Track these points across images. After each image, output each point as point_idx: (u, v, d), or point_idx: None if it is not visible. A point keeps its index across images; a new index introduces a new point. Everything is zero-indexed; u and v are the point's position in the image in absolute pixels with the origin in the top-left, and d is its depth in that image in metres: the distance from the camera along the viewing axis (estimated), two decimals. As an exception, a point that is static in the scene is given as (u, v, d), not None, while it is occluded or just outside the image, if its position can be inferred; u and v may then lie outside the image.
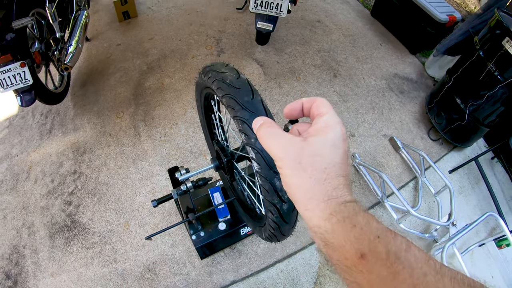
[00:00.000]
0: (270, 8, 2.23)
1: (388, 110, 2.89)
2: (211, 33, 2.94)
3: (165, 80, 2.58)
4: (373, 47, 3.34)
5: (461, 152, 2.87)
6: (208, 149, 2.28)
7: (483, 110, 2.43)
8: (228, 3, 3.27)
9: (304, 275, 2.01)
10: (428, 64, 3.32)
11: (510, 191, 2.84)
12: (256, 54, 2.88)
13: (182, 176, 1.25)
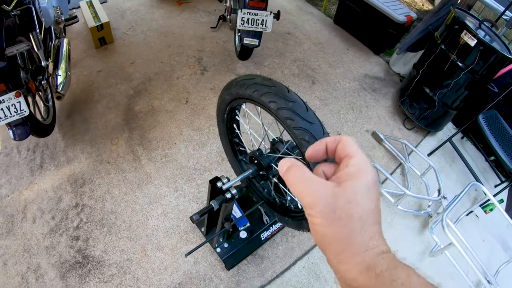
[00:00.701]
0: (256, 25, 2.37)
1: (366, 108, 3.15)
2: (191, 53, 3.00)
3: (154, 102, 2.58)
4: (342, 52, 3.62)
5: (434, 137, 3.19)
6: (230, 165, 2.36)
7: (451, 96, 2.74)
8: (201, 23, 3.36)
9: (324, 267, 2.11)
10: (393, 62, 3.65)
11: (482, 164, 3.22)
12: (238, 69, 2.99)
13: (226, 185, 1.30)
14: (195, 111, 2.60)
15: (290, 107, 1.04)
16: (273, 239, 2.10)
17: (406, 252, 2.39)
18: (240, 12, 2.34)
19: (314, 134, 1.04)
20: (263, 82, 1.12)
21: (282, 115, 1.05)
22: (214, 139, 2.46)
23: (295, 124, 1.04)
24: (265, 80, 1.13)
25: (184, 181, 2.22)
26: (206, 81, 2.81)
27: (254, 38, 2.46)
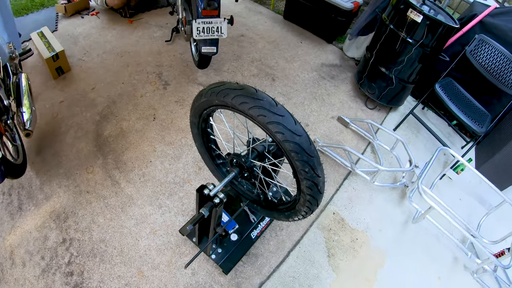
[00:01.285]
0: (212, 32, 2.42)
1: (327, 95, 3.27)
2: (150, 70, 3.00)
3: (123, 124, 2.57)
4: (296, 46, 3.74)
5: (397, 112, 3.36)
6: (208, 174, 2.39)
7: (406, 71, 2.90)
8: (155, 38, 3.35)
9: (316, 253, 2.20)
10: (346, 47, 3.80)
11: (446, 129, 3.42)
12: (199, 78, 3.02)
13: (213, 191, 1.34)
14: (164, 126, 2.61)
15: (261, 105, 1.10)
16: (263, 236, 2.16)
17: (389, 224, 2.52)
18: (194, 22, 2.37)
19: (287, 125, 1.11)
20: (232, 87, 1.18)
21: (254, 113, 1.11)
22: (187, 150, 2.49)
23: (268, 119, 1.10)
24: (233, 84, 1.19)
25: (166, 197, 2.23)
26: (170, 95, 2.83)
27: (212, 46, 2.51)
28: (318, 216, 2.37)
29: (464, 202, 2.91)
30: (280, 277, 2.04)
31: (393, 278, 2.26)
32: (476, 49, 2.76)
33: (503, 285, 2.42)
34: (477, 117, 2.74)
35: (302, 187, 1.26)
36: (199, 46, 2.51)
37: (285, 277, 2.05)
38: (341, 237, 2.34)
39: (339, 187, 2.58)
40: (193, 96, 2.79)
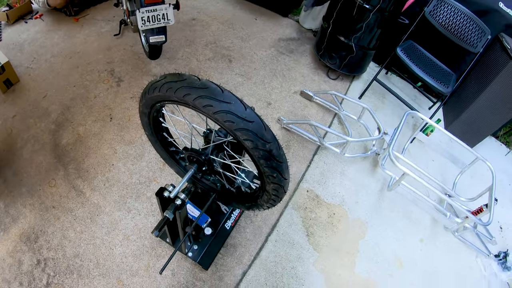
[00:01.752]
0: (158, 20, 2.28)
1: (287, 70, 3.22)
2: (101, 68, 2.84)
3: (79, 129, 2.44)
4: (250, 23, 3.63)
5: (360, 79, 3.35)
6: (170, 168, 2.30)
7: (366, 38, 2.86)
8: (104, 34, 3.16)
9: (295, 234, 2.19)
10: (302, 19, 3.72)
11: (411, 92, 3.43)
12: (153, 70, 2.89)
13: (173, 192, 1.28)
14: (122, 126, 2.50)
15: (206, 94, 1.01)
16: (238, 225, 2.14)
17: (365, 194, 2.52)
18: (138, 12, 2.23)
19: (235, 112, 1.02)
20: (173, 79, 1.08)
21: (200, 104, 1.02)
22: (149, 147, 2.40)
23: (214, 109, 1.01)
24: (174, 76, 1.09)
25: (134, 199, 2.15)
26: (124, 92, 2.70)
27: (159, 34, 2.38)
28: (292, 196, 2.35)
29: (437, 163, 2.95)
30: (261, 264, 2.03)
31: (376, 247, 2.29)
32: (435, 9, 2.73)
33: (485, 239, 2.49)
34: (442, 78, 2.73)
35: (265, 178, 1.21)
36: (147, 36, 2.37)
37: (267, 263, 2.04)
38: (317, 214, 2.33)
39: (309, 164, 2.55)
40: (149, 90, 2.71)
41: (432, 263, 2.33)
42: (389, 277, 2.19)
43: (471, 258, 2.42)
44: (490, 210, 2.10)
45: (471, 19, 2.66)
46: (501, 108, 2.77)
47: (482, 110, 2.86)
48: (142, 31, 2.66)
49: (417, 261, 2.30)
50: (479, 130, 2.97)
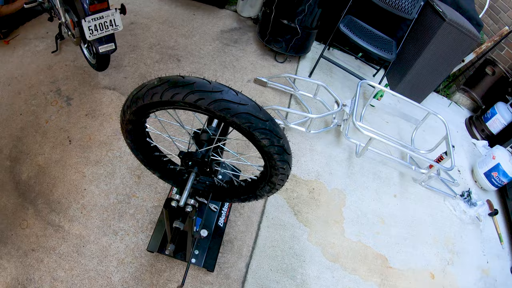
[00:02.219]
0: (106, 28, 2.15)
1: (236, 61, 3.25)
2: (45, 89, 2.60)
3: (38, 159, 2.24)
4: (190, 19, 3.58)
5: (306, 59, 3.52)
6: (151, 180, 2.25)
7: (308, 18, 2.97)
8: (40, 53, 2.87)
9: (283, 215, 2.29)
10: (240, 8, 3.75)
11: (354, 63, 3.67)
12: (102, 82, 2.72)
13: (181, 201, 1.25)
14: (84, 146, 2.34)
15: (223, 98, 1.01)
16: (229, 220, 2.16)
17: (337, 165, 2.68)
18: (84, 22, 2.07)
19: (254, 114, 1.04)
20: (156, 83, 1.06)
21: (191, 100, 1.01)
22: (118, 162, 2.29)
23: (232, 112, 1.02)
24: (157, 80, 1.07)
25: (117, 220, 2.05)
26: (77, 110, 2.51)
27: (109, 42, 2.25)
28: (272, 181, 2.42)
29: (392, 124, 3.21)
30: (261, 252, 2.08)
31: (358, 211, 2.46)
32: (369, -17, 2.91)
33: (449, 184, 2.80)
34: (384, 46, 2.95)
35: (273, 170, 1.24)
36: (95, 46, 2.23)
37: (266, 249, 2.10)
38: (299, 192, 2.43)
39: (280, 147, 2.64)
40: (102, 103, 2.56)
41: (408, 213, 2.57)
42: (377, 234, 2.38)
43: (441, 202, 2.72)
44: (451, 156, 2.36)
45: None
46: (440, 66, 3.09)
47: (423, 69, 3.16)
48: (86, 42, 2.49)
49: (396, 215, 2.52)
50: (423, 88, 3.29)
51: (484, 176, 2.92)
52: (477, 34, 2.89)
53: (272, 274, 2.02)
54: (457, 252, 2.54)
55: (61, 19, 2.42)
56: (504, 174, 2.80)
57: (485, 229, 2.79)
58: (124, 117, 1.25)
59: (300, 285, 2.03)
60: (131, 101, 1.14)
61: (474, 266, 2.54)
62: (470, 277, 2.47)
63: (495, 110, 3.42)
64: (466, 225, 2.70)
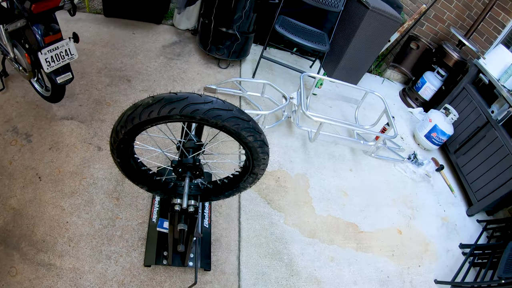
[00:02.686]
0: (62, 58, 2.17)
1: (183, 73, 3.40)
2: (1, 130, 2.50)
3: (11, 203, 2.20)
4: (130, 39, 3.64)
5: (247, 61, 3.78)
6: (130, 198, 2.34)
7: (246, 24, 3.20)
8: None
9: (258, 206, 2.52)
10: (177, 22, 3.89)
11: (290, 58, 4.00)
12: (58, 113, 2.71)
13: (184, 203, 1.40)
14: (55, 180, 2.34)
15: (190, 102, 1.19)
16: (212, 221, 2.32)
17: (294, 152, 2.95)
18: (40, 54, 2.08)
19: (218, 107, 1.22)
20: (151, 102, 1.21)
21: (187, 112, 1.18)
22: (94, 189, 2.34)
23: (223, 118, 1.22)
24: (151, 99, 1.22)
25: (107, 245, 2.11)
26: (39, 145, 2.49)
27: (66, 72, 2.27)
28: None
29: (335, 107, 3.58)
30: (247, 243, 2.28)
31: (322, 189, 2.76)
32: (297, -16, 3.20)
33: (395, 150, 3.21)
34: (318, 39, 3.27)
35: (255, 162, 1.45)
36: (53, 78, 2.23)
37: (251, 239, 2.30)
38: (267, 183, 2.67)
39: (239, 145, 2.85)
40: (64, 134, 2.58)
41: (366, 183, 2.94)
42: (343, 206, 2.70)
43: (392, 168, 3.13)
44: (393, 126, 2.75)
45: None
46: (369, 49, 3.50)
47: (355, 54, 3.55)
48: (35, 76, 2.47)
49: (356, 186, 2.88)
50: (357, 71, 3.69)
51: (425, 138, 3.41)
52: (399, 16, 3.34)
53: (262, 260, 2.23)
54: (416, 207, 2.97)
55: (8, 55, 2.38)
56: (442, 133, 3.30)
57: (435, 184, 3.28)
58: (117, 137, 1.36)
59: (289, 264, 2.27)
60: (125, 121, 1.26)
61: (433, 216, 2.99)
62: (432, 225, 2.91)
63: (424, 79, 3.95)
64: (418, 183, 3.15)
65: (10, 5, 2.17)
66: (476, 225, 3.12)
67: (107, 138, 2.62)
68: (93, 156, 2.50)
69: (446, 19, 4.32)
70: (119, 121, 1.30)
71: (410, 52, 4.23)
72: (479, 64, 3.36)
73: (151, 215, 2.20)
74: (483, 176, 3.04)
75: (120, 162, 1.54)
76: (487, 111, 3.16)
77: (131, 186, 2.39)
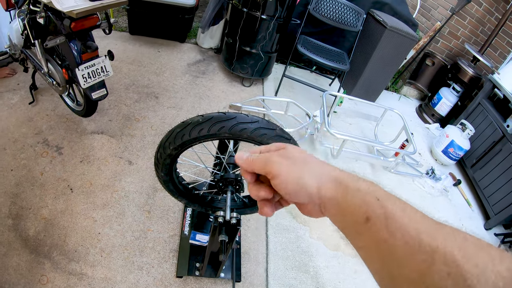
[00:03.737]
0: (98, 74, 2.27)
1: (209, 90, 3.49)
2: (32, 141, 2.60)
3: (43, 212, 2.25)
4: (156, 57, 3.76)
5: (269, 80, 3.86)
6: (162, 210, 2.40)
7: (269, 43, 3.30)
8: (15, 106, 2.82)
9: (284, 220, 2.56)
10: (201, 41, 4.00)
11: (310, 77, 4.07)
12: (88, 127, 2.79)
13: (227, 215, 1.45)
14: (87, 192, 2.40)
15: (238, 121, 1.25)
16: (241, 234, 2.36)
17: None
18: (78, 70, 2.17)
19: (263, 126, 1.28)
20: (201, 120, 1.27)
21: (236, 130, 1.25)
22: (125, 202, 2.39)
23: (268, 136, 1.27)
24: (201, 118, 1.28)
25: (139, 256, 2.14)
26: (71, 158, 2.56)
27: (100, 88, 2.36)
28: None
29: (354, 124, 3.64)
30: (274, 255, 2.30)
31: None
32: (316, 5, 3.33)
33: (413, 166, 3.25)
34: (338, 59, 3.37)
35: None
36: (88, 93, 2.32)
37: (278, 252, 2.32)
38: (294, 198, 2.69)
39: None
40: (94, 147, 2.64)
41: (387, 197, 2.96)
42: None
43: (410, 183, 3.16)
44: (412, 142, 2.80)
45: (346, 5, 3.34)
46: (387, 67, 3.60)
47: (373, 72, 3.64)
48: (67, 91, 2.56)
49: (377, 201, 2.90)
50: (375, 89, 3.77)
51: (442, 153, 3.45)
52: (415, 34, 3.45)
53: (289, 272, 2.25)
54: (436, 222, 2.98)
55: (42, 70, 2.47)
56: (459, 148, 3.34)
57: (453, 198, 3.29)
58: (164, 152, 1.42)
59: (314, 276, 2.28)
60: (175, 137, 1.33)
61: None
62: None
63: (440, 95, 4.02)
64: (436, 197, 3.16)
65: (46, 21, 2.26)
66: (494, 238, 3.11)
67: (137, 153, 2.69)
68: (124, 170, 2.56)
69: (460, 35, 4.41)
70: (167, 137, 1.37)
71: (425, 68, 4.32)
72: (494, 79, 3.40)
73: (183, 228, 2.24)
74: (500, 190, 3.04)
75: (164, 177, 1.59)
76: (502, 126, 3.19)
77: (162, 200, 2.43)
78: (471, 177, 3.42)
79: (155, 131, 2.90)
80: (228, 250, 1.70)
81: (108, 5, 2.14)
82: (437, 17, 4.36)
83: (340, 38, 3.79)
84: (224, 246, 1.52)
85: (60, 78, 2.42)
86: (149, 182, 2.52)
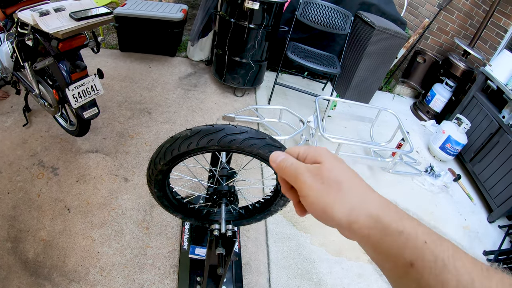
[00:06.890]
0: (88, 93, 2.28)
1: (201, 103, 3.50)
2: (27, 163, 2.60)
3: (41, 234, 2.24)
4: (147, 72, 3.78)
5: (261, 88, 3.87)
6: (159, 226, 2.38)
7: (259, 52, 3.31)
8: (9, 129, 2.82)
9: (284, 228, 2.54)
10: (191, 54, 4.03)
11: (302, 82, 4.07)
12: (83, 147, 2.79)
13: (222, 228, 1.44)
14: (84, 212, 2.39)
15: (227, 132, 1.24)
16: (241, 245, 2.35)
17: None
18: (68, 91, 2.18)
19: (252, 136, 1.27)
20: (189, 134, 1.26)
21: (225, 142, 1.23)
22: (123, 219, 2.38)
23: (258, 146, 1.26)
24: (189, 132, 1.27)
25: (139, 273, 2.13)
26: (66, 178, 2.56)
27: (92, 107, 2.37)
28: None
29: (349, 127, 3.64)
30: (276, 265, 2.28)
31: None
32: (304, 11, 3.35)
33: (412, 164, 3.24)
34: (328, 63, 3.39)
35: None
36: (80, 113, 2.32)
37: (279, 261, 2.30)
38: (291, 206, 2.64)
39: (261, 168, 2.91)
40: (90, 166, 2.64)
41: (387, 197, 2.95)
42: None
43: (410, 182, 3.14)
44: (408, 141, 2.79)
45: (333, 9, 3.37)
46: (378, 67, 3.61)
47: (364, 74, 3.65)
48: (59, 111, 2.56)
49: (377, 202, 2.89)
50: (368, 90, 3.78)
51: (440, 149, 3.44)
52: (404, 32, 3.47)
53: (292, 280, 2.23)
54: (437, 219, 2.96)
55: (33, 91, 2.47)
56: (457, 143, 3.33)
57: (454, 194, 3.27)
58: (155, 168, 1.42)
59: (318, 283, 2.26)
60: (164, 153, 1.32)
61: (455, 225, 2.97)
62: (455, 236, 2.89)
63: (433, 91, 4.03)
64: (437, 194, 3.15)
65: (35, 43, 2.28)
66: (498, 231, 3.09)
67: (132, 170, 2.68)
68: (120, 188, 2.55)
69: (450, 30, 4.44)
70: (157, 153, 1.36)
71: (417, 66, 4.33)
72: (486, 71, 3.42)
73: (182, 243, 2.23)
74: (501, 181, 3.03)
75: (157, 192, 1.58)
76: (498, 117, 3.20)
77: (159, 215, 2.42)
78: (470, 171, 3.41)
79: (149, 146, 2.91)
80: (227, 263, 1.68)
81: (93, 24, 2.15)
82: (425, 14, 4.38)
83: (330, 42, 3.81)
84: (222, 259, 1.50)
85: (52, 99, 2.43)
86: (146, 198, 2.51)
